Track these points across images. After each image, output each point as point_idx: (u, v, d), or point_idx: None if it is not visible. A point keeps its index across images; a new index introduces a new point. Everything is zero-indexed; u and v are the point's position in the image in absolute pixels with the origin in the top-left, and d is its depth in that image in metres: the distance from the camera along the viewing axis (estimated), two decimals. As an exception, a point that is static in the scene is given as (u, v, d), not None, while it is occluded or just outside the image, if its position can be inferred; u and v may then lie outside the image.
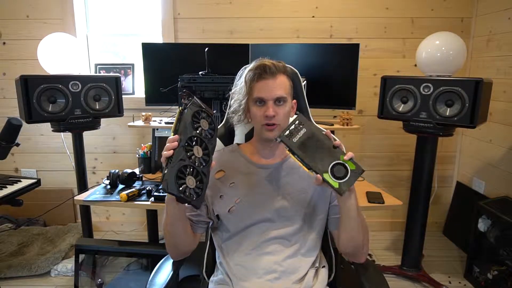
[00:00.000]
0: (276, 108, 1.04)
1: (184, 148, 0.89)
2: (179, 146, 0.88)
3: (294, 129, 0.94)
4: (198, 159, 0.91)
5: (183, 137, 0.90)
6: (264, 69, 1.03)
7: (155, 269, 1.08)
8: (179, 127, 0.92)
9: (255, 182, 1.10)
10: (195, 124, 0.94)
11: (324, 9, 2.44)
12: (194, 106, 0.95)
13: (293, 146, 0.93)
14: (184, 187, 0.86)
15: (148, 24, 2.58)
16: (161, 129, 2.17)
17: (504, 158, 2.19)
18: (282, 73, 1.06)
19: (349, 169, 0.91)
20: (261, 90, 1.04)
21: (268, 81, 1.04)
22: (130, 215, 2.76)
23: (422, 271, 2.11)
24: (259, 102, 1.05)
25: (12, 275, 2.09)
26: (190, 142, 0.91)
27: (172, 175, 0.85)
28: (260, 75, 1.04)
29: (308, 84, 1.85)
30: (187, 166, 0.88)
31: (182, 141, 0.89)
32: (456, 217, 2.60)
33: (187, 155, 0.89)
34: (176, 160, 0.87)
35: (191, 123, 0.92)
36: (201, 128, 0.95)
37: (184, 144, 0.89)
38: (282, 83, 1.05)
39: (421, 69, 1.96)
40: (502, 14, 2.18)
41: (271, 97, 1.03)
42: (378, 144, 2.62)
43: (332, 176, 0.90)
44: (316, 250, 1.11)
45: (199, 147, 0.92)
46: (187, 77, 1.87)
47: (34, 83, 1.76)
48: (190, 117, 0.93)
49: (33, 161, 2.66)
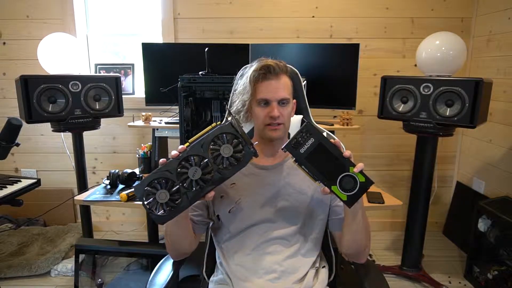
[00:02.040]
0: (280, 109, 1.04)
1: (179, 163, 0.84)
2: (176, 158, 0.84)
3: (301, 138, 0.87)
4: (189, 180, 0.84)
5: (189, 151, 0.85)
6: (268, 70, 1.03)
7: (155, 269, 1.08)
8: (197, 140, 0.86)
9: (256, 183, 1.09)
10: (213, 146, 0.85)
11: (324, 9, 2.44)
12: (227, 127, 0.86)
13: (300, 157, 0.87)
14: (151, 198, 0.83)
15: (148, 24, 2.58)
16: (161, 129, 2.17)
17: (504, 158, 2.19)
18: (284, 73, 1.06)
19: (358, 182, 0.87)
20: (265, 91, 1.04)
21: (272, 81, 1.03)
22: (130, 215, 2.77)
23: (422, 271, 2.11)
24: (264, 103, 1.05)
25: (12, 275, 2.09)
26: (193, 160, 0.85)
27: (148, 179, 0.83)
28: (264, 76, 1.03)
29: (308, 84, 1.84)
30: (168, 180, 0.83)
31: (183, 155, 0.85)
32: (456, 217, 2.60)
33: (176, 170, 0.84)
34: (162, 168, 0.83)
35: (209, 142, 0.85)
36: (219, 154, 0.85)
37: (183, 159, 0.84)
38: (285, 84, 1.06)
39: (421, 69, 1.96)
40: (502, 14, 2.18)
41: (275, 98, 1.03)
42: (378, 144, 2.62)
43: (340, 189, 0.87)
44: (316, 250, 1.11)
45: (199, 169, 0.85)
46: (187, 77, 1.87)
47: (34, 83, 1.77)
48: (213, 136, 0.85)
49: (33, 161, 2.67)
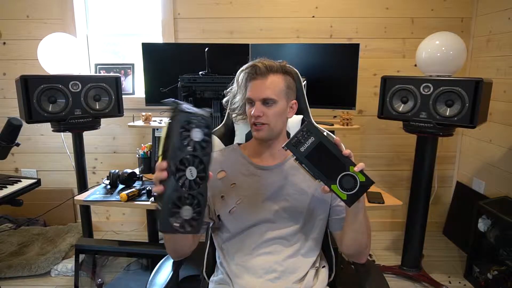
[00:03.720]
0: (264, 109, 1.05)
1: (175, 177, 0.80)
2: (169, 176, 0.79)
3: (301, 137, 0.89)
4: (191, 182, 0.82)
5: (172, 162, 0.79)
6: (254, 70, 1.06)
7: (155, 269, 1.09)
8: (168, 150, 0.81)
9: (256, 183, 1.09)
10: (184, 141, 0.81)
11: (324, 9, 2.44)
12: (181, 116, 0.81)
13: (300, 155, 0.89)
14: (180, 222, 0.81)
15: (148, 24, 2.58)
16: (161, 129, 2.17)
17: (504, 158, 2.19)
18: (276, 73, 1.07)
19: (358, 181, 0.87)
20: (251, 91, 1.07)
21: (257, 81, 1.06)
22: (130, 215, 2.77)
23: (422, 271, 2.11)
24: (248, 101, 1.08)
25: (12, 275, 2.09)
26: (181, 166, 0.81)
27: (166, 213, 0.79)
28: (251, 75, 1.07)
29: (308, 84, 1.85)
30: (181, 197, 0.81)
31: (172, 168, 0.79)
32: (456, 217, 2.60)
33: (179, 185, 0.81)
34: (168, 192, 0.80)
35: (179, 140, 0.80)
36: (193, 141, 0.82)
37: (175, 172, 0.80)
38: (273, 84, 1.06)
39: (421, 69, 1.96)
40: (502, 14, 2.18)
41: (257, 98, 1.05)
42: (378, 144, 2.62)
43: (340, 188, 0.87)
44: (316, 250, 1.11)
45: (192, 167, 0.82)
46: (187, 77, 1.87)
47: (34, 83, 1.77)
48: (178, 133, 0.80)
49: (33, 161, 2.67)
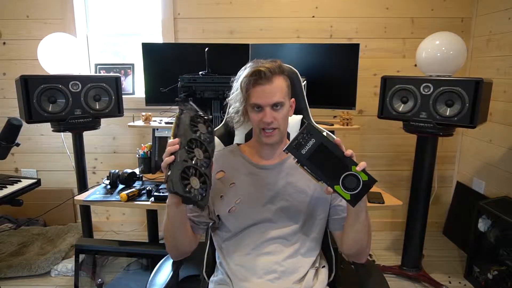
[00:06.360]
0: (274, 113, 1.04)
1: (186, 150, 0.89)
2: (181, 148, 0.88)
3: (302, 139, 0.89)
4: (199, 161, 0.91)
5: (184, 139, 0.90)
6: (259, 75, 1.02)
7: (155, 269, 1.09)
8: (178, 131, 0.92)
9: (256, 182, 1.10)
10: (194, 128, 0.94)
11: (324, 9, 2.44)
12: (191, 111, 0.96)
13: (301, 158, 0.89)
14: (189, 187, 0.85)
15: (148, 24, 2.58)
16: (161, 129, 2.17)
17: (504, 158, 2.19)
18: (278, 74, 1.05)
19: (361, 180, 0.87)
20: (257, 96, 1.04)
21: (264, 86, 1.03)
22: (130, 215, 2.77)
23: (422, 271, 2.11)
24: (256, 107, 1.05)
25: (12, 275, 2.09)
26: (190, 144, 0.91)
27: (177, 175, 0.84)
28: (256, 81, 1.03)
29: (308, 84, 1.85)
30: (190, 167, 0.87)
31: (183, 143, 0.89)
32: (456, 217, 2.60)
33: (189, 157, 0.89)
34: (179, 161, 0.86)
35: (189, 126, 0.93)
36: (200, 132, 0.96)
37: (185, 146, 0.89)
38: (279, 87, 1.05)
39: (421, 69, 1.96)
40: (502, 14, 2.18)
41: (268, 103, 1.03)
42: (378, 144, 2.62)
43: (343, 188, 0.87)
44: (316, 250, 1.11)
45: (199, 150, 0.93)
46: (187, 77, 1.87)
47: (34, 83, 1.77)
48: (188, 121, 0.94)
49: (33, 161, 2.66)
